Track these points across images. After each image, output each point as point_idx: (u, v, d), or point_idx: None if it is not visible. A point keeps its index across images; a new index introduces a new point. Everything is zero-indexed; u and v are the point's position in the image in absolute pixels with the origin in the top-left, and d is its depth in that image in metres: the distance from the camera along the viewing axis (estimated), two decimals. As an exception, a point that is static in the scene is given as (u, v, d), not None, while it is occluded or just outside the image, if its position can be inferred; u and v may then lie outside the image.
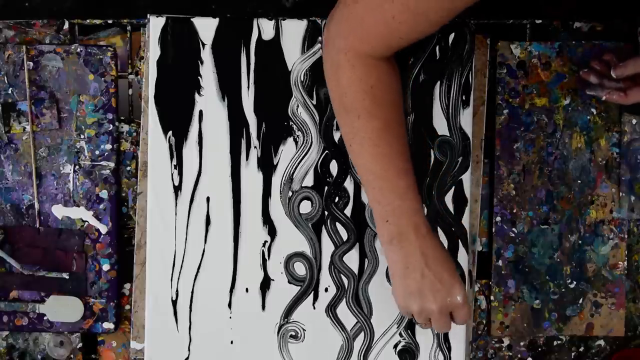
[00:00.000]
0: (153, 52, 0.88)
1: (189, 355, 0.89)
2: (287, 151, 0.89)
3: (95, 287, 0.92)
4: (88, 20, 0.93)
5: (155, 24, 0.88)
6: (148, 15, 0.88)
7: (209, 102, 0.88)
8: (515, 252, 0.93)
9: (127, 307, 0.93)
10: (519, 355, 0.95)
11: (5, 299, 0.91)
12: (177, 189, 0.88)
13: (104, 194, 0.91)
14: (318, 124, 0.88)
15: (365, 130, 0.76)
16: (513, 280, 0.93)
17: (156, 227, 0.88)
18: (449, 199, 0.89)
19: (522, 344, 0.95)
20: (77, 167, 0.91)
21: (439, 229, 0.89)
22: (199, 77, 0.88)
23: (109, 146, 0.91)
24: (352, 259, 0.89)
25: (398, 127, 0.78)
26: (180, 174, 0.88)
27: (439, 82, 0.88)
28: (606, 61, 0.87)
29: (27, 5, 0.98)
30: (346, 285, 0.89)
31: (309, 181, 0.89)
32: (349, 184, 0.89)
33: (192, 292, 0.89)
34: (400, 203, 0.77)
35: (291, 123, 0.88)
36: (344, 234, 0.89)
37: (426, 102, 0.88)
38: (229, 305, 0.89)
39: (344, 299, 0.89)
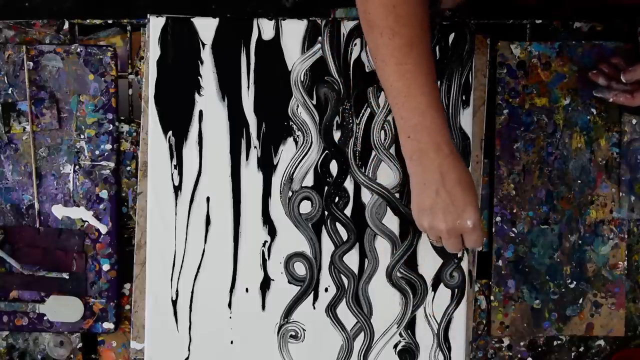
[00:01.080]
0: (153, 52, 0.88)
1: (189, 355, 0.89)
2: (287, 151, 0.89)
3: (95, 287, 0.92)
4: (88, 20, 0.93)
5: (155, 24, 0.88)
6: (148, 15, 0.88)
7: (209, 102, 0.88)
8: (515, 252, 0.93)
9: (127, 307, 0.93)
10: (519, 355, 0.95)
11: (5, 299, 0.91)
12: (177, 189, 0.88)
13: (104, 194, 0.91)
14: (318, 124, 0.88)
15: (387, 48, 0.76)
16: (513, 280, 0.93)
17: (156, 227, 0.88)
18: (449, 199, 0.89)
19: (522, 344, 0.95)
20: (77, 167, 0.91)
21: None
22: (199, 77, 0.88)
23: (109, 146, 0.91)
24: (352, 259, 0.89)
25: (422, 44, 0.77)
26: (180, 174, 0.88)
27: (439, 82, 0.88)
28: (614, 64, 0.89)
29: (27, 5, 0.98)
30: (346, 285, 0.89)
31: (309, 181, 0.89)
32: (349, 184, 0.89)
33: (192, 292, 0.89)
34: (422, 120, 0.77)
35: (291, 123, 0.88)
36: (344, 234, 0.89)
37: (426, 102, 0.88)
38: (229, 305, 0.89)
39: (344, 299, 0.89)
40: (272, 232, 0.89)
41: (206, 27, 0.88)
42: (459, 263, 0.89)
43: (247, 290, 0.89)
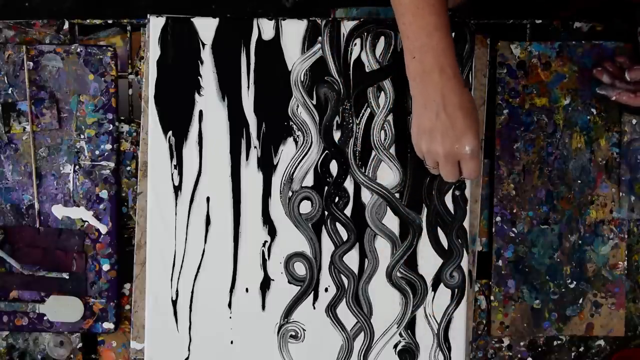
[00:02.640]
0: (153, 52, 0.88)
1: (189, 355, 0.89)
2: (287, 151, 0.89)
3: (95, 287, 0.92)
4: (88, 20, 0.94)
5: (155, 24, 0.88)
6: (148, 15, 0.88)
7: (209, 102, 0.88)
8: (515, 252, 0.93)
9: (127, 307, 0.93)
10: (519, 355, 0.95)
11: (5, 299, 0.91)
12: (177, 189, 0.88)
13: (104, 194, 0.91)
14: (318, 124, 0.88)
15: None
16: (513, 280, 0.93)
17: (156, 227, 0.88)
18: (449, 199, 0.89)
19: (522, 344, 0.95)
20: (77, 167, 0.91)
21: (438, 229, 0.89)
22: (199, 77, 0.88)
23: (109, 146, 0.91)
24: (352, 259, 0.89)
25: None
26: (180, 174, 0.88)
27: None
28: (619, 63, 0.89)
29: (27, 5, 0.98)
30: (346, 285, 0.89)
31: (309, 181, 0.89)
32: (349, 184, 0.89)
33: (192, 292, 0.89)
34: (428, 40, 0.76)
35: (291, 123, 0.88)
36: (344, 234, 0.89)
37: (426, 102, 0.88)
38: (229, 305, 0.89)
39: (344, 299, 0.89)
40: (272, 232, 0.89)
41: (206, 27, 0.88)
42: (461, 187, 0.88)
43: (247, 290, 0.89)
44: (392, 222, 0.89)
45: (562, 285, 0.93)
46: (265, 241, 0.89)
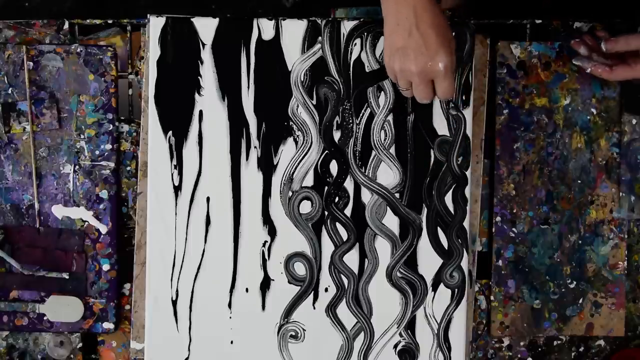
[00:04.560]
0: (153, 52, 0.88)
1: (189, 355, 0.89)
2: (287, 151, 0.89)
3: (95, 287, 0.92)
4: (88, 20, 0.94)
5: (155, 24, 0.88)
6: (148, 15, 0.88)
7: (209, 102, 0.88)
8: (515, 252, 0.93)
9: (127, 307, 0.93)
10: (519, 355, 0.95)
11: (5, 299, 0.91)
12: (177, 189, 0.88)
13: (104, 194, 0.91)
14: (318, 124, 0.88)
15: None
16: (513, 280, 0.93)
17: (156, 227, 0.88)
18: (449, 199, 0.89)
19: (522, 344, 0.95)
20: (77, 167, 0.91)
21: (438, 229, 0.89)
22: (199, 77, 0.88)
23: (109, 146, 0.91)
24: (352, 259, 0.89)
25: None
26: (180, 174, 0.88)
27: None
28: (599, 37, 0.88)
29: (27, 5, 0.98)
30: (346, 285, 0.89)
31: (309, 181, 0.89)
32: (349, 184, 0.89)
33: (192, 292, 0.89)
34: None
35: (291, 123, 0.88)
36: (344, 234, 0.89)
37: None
38: (229, 305, 0.89)
39: (344, 299, 0.89)
40: (272, 232, 0.89)
41: (206, 27, 0.88)
42: (455, 109, 0.87)
43: (247, 290, 0.89)
44: (392, 222, 0.89)
45: (562, 285, 0.93)
46: (265, 241, 0.89)
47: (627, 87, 0.93)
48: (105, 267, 0.92)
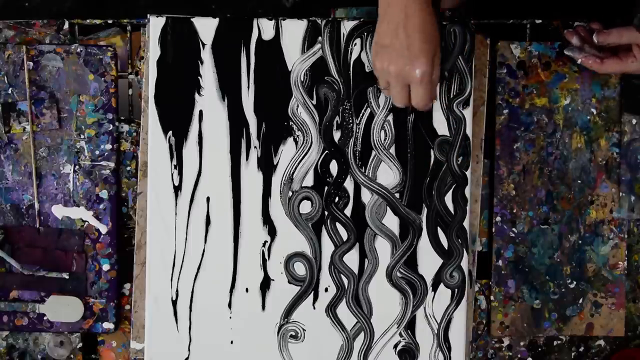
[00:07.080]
0: (153, 52, 0.88)
1: (189, 355, 0.89)
2: (287, 151, 0.89)
3: (95, 287, 0.92)
4: (88, 20, 0.94)
5: (155, 24, 0.88)
6: (148, 15, 0.88)
7: (209, 102, 0.88)
8: (515, 252, 0.93)
9: (127, 307, 0.93)
10: (519, 355, 0.95)
11: (5, 299, 0.91)
12: (177, 189, 0.88)
13: (104, 194, 0.91)
14: (318, 124, 0.88)
15: None
16: (513, 280, 0.93)
17: (156, 227, 0.88)
18: (449, 199, 0.89)
19: (522, 344, 0.95)
20: (77, 167, 0.91)
21: (438, 229, 0.89)
22: (199, 77, 0.88)
23: (109, 146, 0.91)
24: (352, 259, 0.89)
25: None
26: (180, 174, 0.88)
27: (439, 83, 0.88)
28: (592, 28, 0.88)
29: (27, 5, 0.98)
30: (346, 285, 0.89)
31: (309, 181, 0.89)
32: (349, 184, 0.89)
33: (192, 292, 0.89)
34: None
35: (291, 123, 0.88)
36: (344, 234, 0.89)
37: (426, 102, 0.88)
38: (229, 305, 0.89)
39: (344, 299, 0.89)
40: (272, 232, 0.89)
41: (206, 27, 0.88)
42: (420, 114, 0.87)
43: (247, 290, 0.89)
44: (392, 222, 0.89)
45: (562, 285, 0.93)
46: (265, 241, 0.89)
47: (627, 87, 0.93)
48: (105, 267, 0.92)
